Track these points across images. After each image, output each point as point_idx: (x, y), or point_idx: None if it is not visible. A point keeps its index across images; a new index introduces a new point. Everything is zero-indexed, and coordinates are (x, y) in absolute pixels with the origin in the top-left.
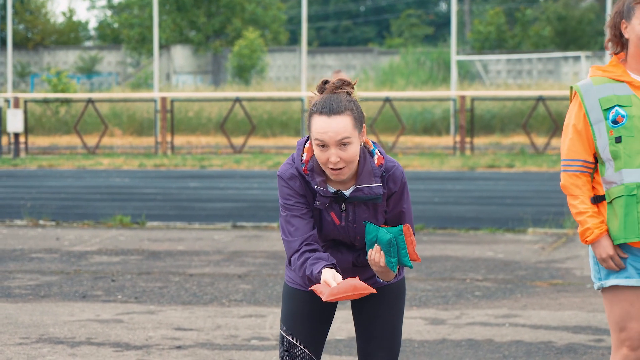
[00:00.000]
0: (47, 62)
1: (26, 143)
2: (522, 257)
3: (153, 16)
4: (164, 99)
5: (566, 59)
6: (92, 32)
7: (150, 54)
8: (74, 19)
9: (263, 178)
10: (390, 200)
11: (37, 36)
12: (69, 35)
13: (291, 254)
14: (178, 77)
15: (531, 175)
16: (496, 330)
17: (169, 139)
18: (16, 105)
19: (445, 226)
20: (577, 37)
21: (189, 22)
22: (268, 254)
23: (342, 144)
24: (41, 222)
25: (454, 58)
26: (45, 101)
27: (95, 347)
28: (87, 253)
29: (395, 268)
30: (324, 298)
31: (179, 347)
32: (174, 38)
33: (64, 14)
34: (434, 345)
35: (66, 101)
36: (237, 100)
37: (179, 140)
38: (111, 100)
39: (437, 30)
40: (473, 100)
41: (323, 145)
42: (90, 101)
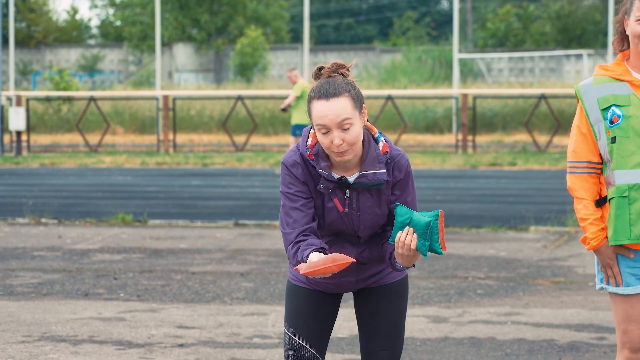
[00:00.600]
0: (49, 60)
1: (28, 141)
2: (524, 255)
3: (155, 14)
4: (166, 97)
5: (568, 57)
6: (95, 31)
7: (152, 51)
8: (77, 17)
9: (265, 176)
10: (396, 189)
11: (39, 34)
12: (71, 33)
13: (287, 245)
14: (180, 75)
15: (533, 173)
16: (498, 328)
17: (171, 137)
18: (18, 104)
19: (448, 224)
20: (580, 35)
21: (191, 20)
22: (270, 252)
23: (344, 125)
24: (43, 220)
25: (456, 56)
26: (48, 99)
27: (98, 345)
28: (90, 251)
29: (426, 252)
30: (302, 271)
31: (181, 345)
32: (176, 36)
33: (67, 12)
34: (436, 344)
35: (68, 99)
36: (239, 98)
37: (181, 138)
38: (113, 99)
39: (438, 29)
40: (475, 98)
41: (325, 129)
42: (92, 99)
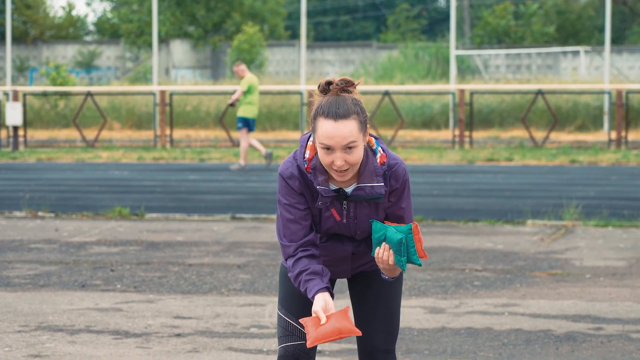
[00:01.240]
0: (45, 56)
1: (25, 136)
2: (521, 248)
3: (152, 10)
4: (162, 92)
5: (565, 53)
6: (91, 27)
7: (149, 48)
8: (73, 13)
9: (262, 171)
10: (392, 197)
11: (36, 31)
12: (68, 30)
13: (285, 256)
14: (177, 72)
15: (530, 168)
16: (495, 319)
17: (168, 132)
18: (15, 99)
19: (444, 218)
20: (577, 32)
21: (188, 17)
22: (267, 244)
23: (348, 147)
24: (40, 213)
25: (453, 52)
26: (44, 94)
27: (95, 335)
28: (86, 244)
29: (404, 267)
30: (308, 344)
31: (178, 335)
32: (173, 32)
33: (63, 8)
34: (433, 334)
35: (65, 94)
36: None
37: (177, 133)
38: (110, 94)
39: (435, 26)
40: (472, 94)
41: (328, 148)
42: (89, 94)
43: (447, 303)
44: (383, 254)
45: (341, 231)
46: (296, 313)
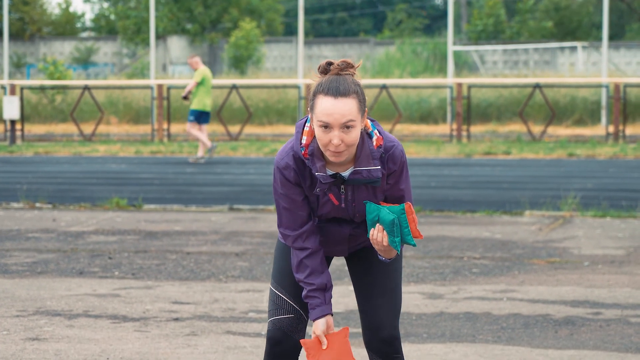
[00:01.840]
0: (43, 52)
1: (22, 130)
2: (519, 237)
3: (149, 6)
4: (160, 87)
5: (562, 49)
6: (89, 24)
7: (146, 44)
8: (70, 10)
9: (259, 164)
10: (390, 179)
11: (33, 27)
12: (65, 26)
13: (287, 244)
14: (174, 68)
15: (528, 161)
16: (494, 304)
17: (165, 126)
18: (12, 93)
19: (442, 209)
20: (574, 28)
21: (185, 13)
22: (265, 234)
23: (346, 126)
24: (38, 204)
25: (451, 48)
26: (42, 88)
27: (93, 319)
28: (84, 233)
29: (399, 247)
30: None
31: (176, 319)
32: (171, 28)
33: (59, 5)
34: (432, 318)
35: (62, 88)
36: (234, 87)
37: (175, 128)
38: (108, 87)
39: (432, 23)
40: (470, 87)
41: (326, 126)
42: (86, 88)
43: (446, 289)
44: (377, 235)
45: (339, 215)
46: (287, 287)
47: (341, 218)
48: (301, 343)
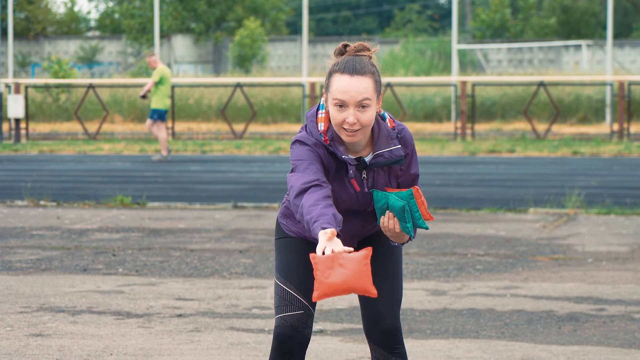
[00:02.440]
0: (47, 51)
1: (27, 129)
2: (523, 235)
3: (154, 5)
4: None
5: (567, 47)
6: (93, 23)
7: (151, 44)
8: (75, 9)
9: (264, 162)
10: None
11: (38, 26)
12: (70, 25)
13: (296, 187)
14: (179, 67)
15: (532, 159)
16: (497, 300)
17: (169, 124)
18: (17, 91)
19: (446, 206)
20: (579, 27)
21: (190, 12)
22: (269, 231)
23: (362, 105)
24: (42, 202)
25: (455, 47)
26: (46, 87)
27: (97, 316)
28: (88, 230)
29: (412, 232)
30: (314, 298)
31: (180, 316)
32: (175, 27)
33: (64, 4)
34: (436, 314)
35: (67, 87)
36: (238, 85)
37: (179, 126)
38: (112, 86)
39: (438, 21)
40: (474, 85)
41: (342, 105)
42: (91, 86)
43: (450, 286)
44: (388, 222)
45: (357, 205)
46: (295, 282)
47: (353, 212)
48: (310, 257)
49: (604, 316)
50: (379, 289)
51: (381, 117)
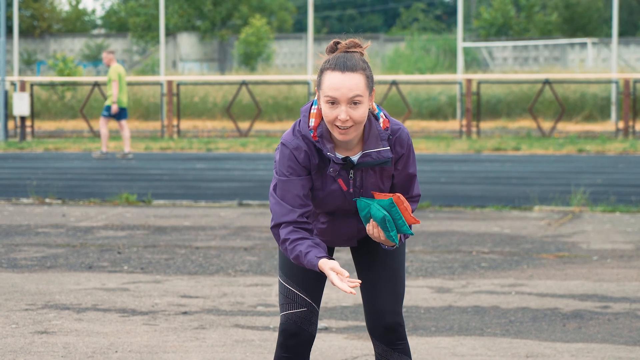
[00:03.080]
0: (53, 49)
1: (32, 127)
2: (528, 232)
3: (159, 3)
4: (170, 83)
5: (572, 45)
6: (99, 21)
7: (156, 42)
8: (80, 7)
9: (270, 160)
10: (398, 164)
11: (43, 24)
12: (75, 23)
13: (280, 222)
14: (184, 65)
15: (537, 157)
16: (502, 297)
17: (175, 122)
18: (22, 89)
19: (451, 204)
20: (584, 24)
21: (195, 10)
22: None
23: (353, 102)
24: (47, 200)
25: (460, 44)
26: (52, 84)
27: (102, 313)
28: (93, 228)
29: (396, 239)
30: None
31: (185, 313)
32: (181, 25)
33: (70, 2)
34: (440, 312)
35: (72, 85)
36: (244, 83)
37: (185, 124)
38: None
39: (444, 20)
40: (479, 83)
41: (333, 102)
42: (96, 84)
43: (454, 283)
44: (373, 230)
45: (346, 204)
46: (298, 280)
47: (348, 211)
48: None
49: (608, 314)
50: (380, 284)
51: (374, 116)
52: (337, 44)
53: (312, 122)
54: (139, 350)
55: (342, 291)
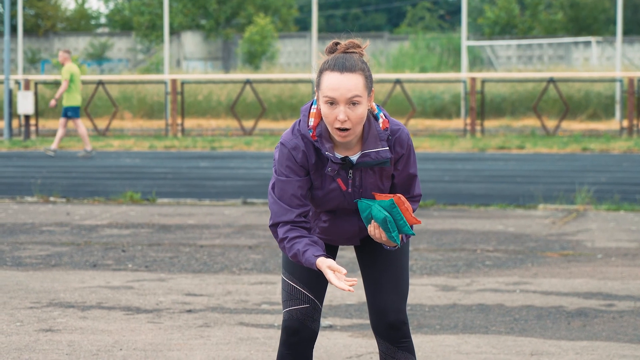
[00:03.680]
0: (57, 48)
1: (37, 125)
2: (532, 231)
3: (164, 2)
4: (174, 81)
5: (577, 44)
6: (103, 20)
7: (161, 40)
8: (85, 6)
9: (273, 159)
10: (398, 164)
11: (48, 23)
12: (80, 22)
13: (278, 222)
14: (188, 63)
15: (542, 156)
16: (507, 296)
17: (179, 121)
18: (27, 88)
19: (455, 203)
20: (589, 24)
21: (200, 9)
22: None
23: (352, 102)
24: (52, 198)
25: (464, 43)
26: (56, 83)
27: (106, 311)
28: (98, 226)
29: (398, 240)
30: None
31: (189, 311)
32: (185, 24)
33: (75, 0)
34: (445, 310)
35: None
36: (248, 82)
37: (189, 123)
38: (122, 82)
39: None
40: (484, 82)
41: (332, 102)
42: (100, 83)
43: (459, 281)
44: (374, 231)
45: (345, 204)
46: (301, 277)
47: (349, 211)
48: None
49: (613, 312)
50: (384, 282)
51: (374, 117)
52: (336, 44)
53: (312, 122)
54: (144, 348)
55: (339, 288)
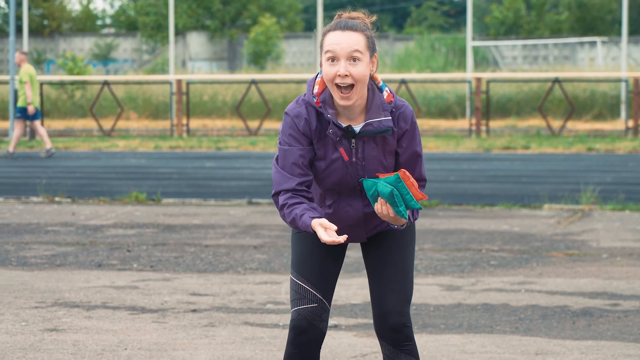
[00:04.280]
0: (62, 49)
1: (42, 126)
2: (537, 230)
3: (169, 2)
4: (179, 82)
5: (582, 44)
6: (108, 20)
7: (166, 41)
8: (91, 7)
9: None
10: (402, 141)
11: (53, 23)
12: (85, 22)
13: (280, 190)
14: (194, 64)
15: (547, 156)
16: (512, 295)
17: (184, 121)
18: None
19: (461, 202)
20: (596, 24)
21: (205, 9)
22: (284, 227)
23: (352, 57)
24: (57, 198)
25: (470, 43)
26: (61, 84)
27: (111, 311)
28: (103, 227)
29: (406, 214)
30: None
31: (194, 311)
32: (190, 24)
33: (80, 1)
34: (450, 309)
35: (82, 84)
36: (253, 82)
37: (194, 123)
38: (127, 83)
39: (454, 18)
40: (489, 82)
41: (333, 58)
42: (106, 83)
43: (464, 281)
44: (381, 208)
45: (348, 176)
46: (309, 276)
47: (353, 190)
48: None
49: (618, 311)
50: (388, 285)
51: (379, 88)
52: (340, 15)
53: (317, 89)
54: (149, 348)
55: (328, 243)
